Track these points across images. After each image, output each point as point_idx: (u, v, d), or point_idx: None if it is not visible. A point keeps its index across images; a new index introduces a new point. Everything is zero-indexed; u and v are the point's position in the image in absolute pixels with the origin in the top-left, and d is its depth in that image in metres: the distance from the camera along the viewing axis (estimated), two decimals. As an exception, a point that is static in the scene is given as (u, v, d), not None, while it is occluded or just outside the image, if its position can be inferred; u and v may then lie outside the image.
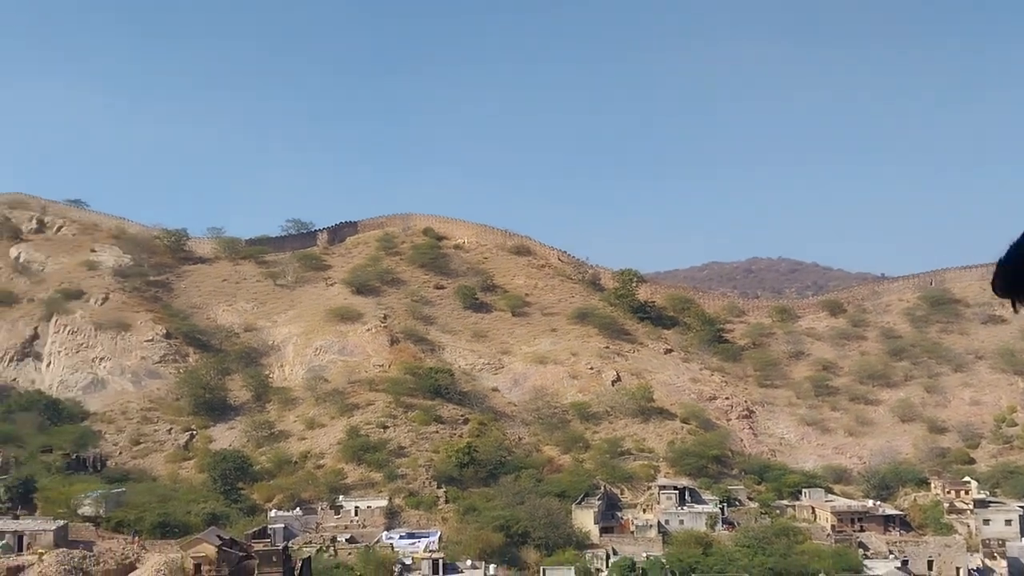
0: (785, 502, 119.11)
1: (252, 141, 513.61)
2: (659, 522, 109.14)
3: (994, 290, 2.42)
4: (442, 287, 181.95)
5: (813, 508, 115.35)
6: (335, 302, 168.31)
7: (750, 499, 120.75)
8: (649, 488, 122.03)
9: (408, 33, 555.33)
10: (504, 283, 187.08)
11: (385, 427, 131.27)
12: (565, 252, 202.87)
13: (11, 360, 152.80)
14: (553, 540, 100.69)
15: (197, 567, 67.47)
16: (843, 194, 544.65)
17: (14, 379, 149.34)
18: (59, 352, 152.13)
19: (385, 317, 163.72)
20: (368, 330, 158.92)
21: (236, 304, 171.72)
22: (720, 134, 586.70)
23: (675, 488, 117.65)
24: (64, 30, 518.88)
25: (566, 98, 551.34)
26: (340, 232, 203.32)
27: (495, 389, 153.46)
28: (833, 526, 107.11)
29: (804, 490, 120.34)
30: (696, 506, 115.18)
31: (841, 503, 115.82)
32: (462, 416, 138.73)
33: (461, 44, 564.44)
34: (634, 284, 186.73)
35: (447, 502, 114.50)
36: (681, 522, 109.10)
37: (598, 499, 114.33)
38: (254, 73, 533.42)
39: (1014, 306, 2.46)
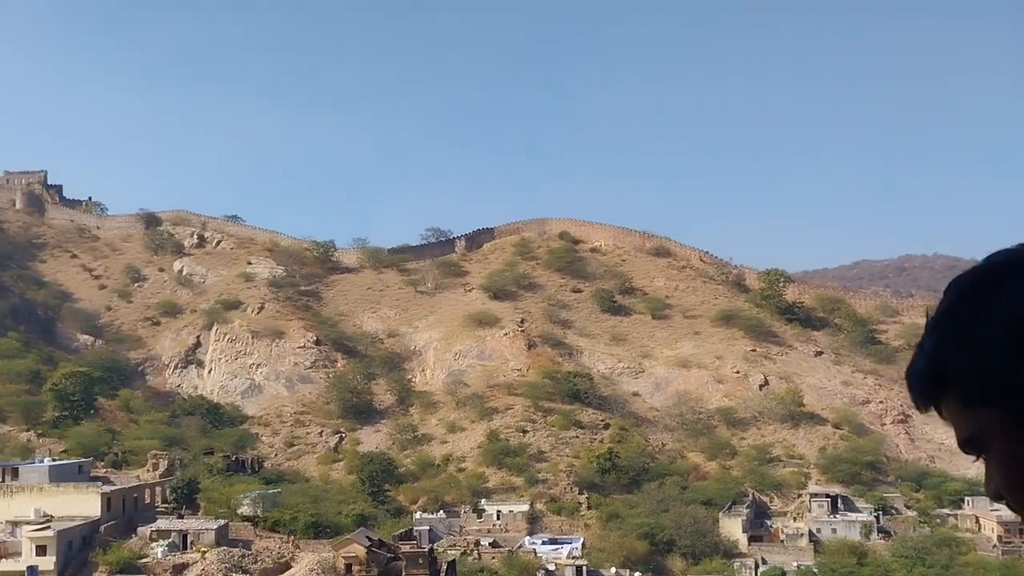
0: (946, 511, 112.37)
1: (393, 153, 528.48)
2: (810, 531, 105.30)
3: (916, 406, 2.21)
4: (579, 291, 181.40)
5: (977, 517, 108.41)
6: (473, 307, 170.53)
7: (907, 507, 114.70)
8: (800, 496, 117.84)
9: (541, 40, 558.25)
10: (643, 285, 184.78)
11: (524, 431, 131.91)
12: (707, 252, 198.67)
13: (176, 367, 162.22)
14: (699, 549, 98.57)
15: (348, 567, 69.51)
16: (1002, 187, 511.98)
17: (179, 385, 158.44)
18: (219, 359, 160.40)
19: (522, 321, 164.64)
20: (506, 334, 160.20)
21: (380, 311, 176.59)
22: (867, 126, 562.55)
23: (827, 496, 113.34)
24: (221, 55, 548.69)
25: (704, 96, 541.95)
26: (477, 238, 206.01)
27: (636, 394, 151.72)
28: (1000, 536, 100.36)
29: (967, 498, 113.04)
30: (849, 514, 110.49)
31: (1008, 513, 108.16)
32: (602, 421, 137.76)
33: (594, 48, 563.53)
34: (781, 284, 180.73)
35: (589, 508, 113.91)
36: (834, 531, 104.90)
37: (746, 507, 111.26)
38: (392, 85, 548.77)
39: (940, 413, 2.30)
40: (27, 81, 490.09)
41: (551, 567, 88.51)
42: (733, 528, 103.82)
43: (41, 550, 67.67)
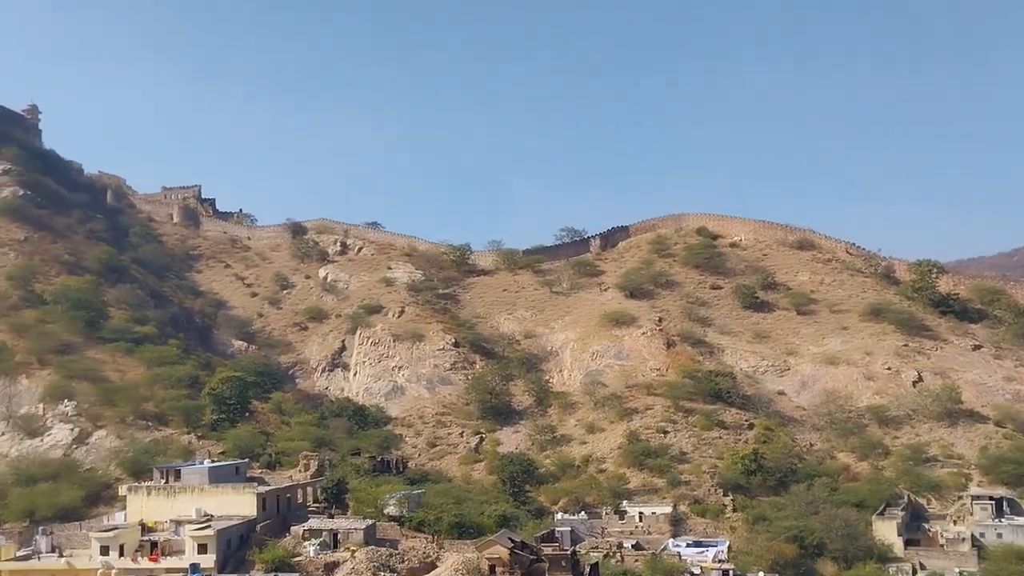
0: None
1: (527, 154, 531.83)
2: (973, 535, 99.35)
3: None
4: (719, 287, 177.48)
5: None
6: (610, 307, 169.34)
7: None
8: (960, 498, 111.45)
9: (676, 33, 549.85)
10: (786, 280, 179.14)
11: (665, 432, 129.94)
12: (853, 244, 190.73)
13: (323, 370, 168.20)
14: (852, 553, 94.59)
15: (492, 568, 69.88)
16: None
17: (326, 388, 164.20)
18: (363, 362, 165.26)
19: (660, 320, 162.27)
20: (643, 334, 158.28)
21: (516, 312, 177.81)
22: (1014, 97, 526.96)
23: (990, 498, 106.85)
24: (358, 64, 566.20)
25: (846, 82, 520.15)
26: (612, 237, 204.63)
27: (781, 392, 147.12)
28: None
29: None
30: (1016, 518, 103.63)
31: None
32: (746, 421, 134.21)
33: (729, 39, 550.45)
34: (934, 275, 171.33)
35: (734, 510, 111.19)
36: (999, 535, 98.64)
37: (901, 509, 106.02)
38: (524, 86, 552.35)
39: None
40: (181, 101, 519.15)
41: (696, 570, 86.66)
42: (887, 531, 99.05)
43: (202, 548, 71.01)
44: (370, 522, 79.00)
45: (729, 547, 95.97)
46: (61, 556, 75.18)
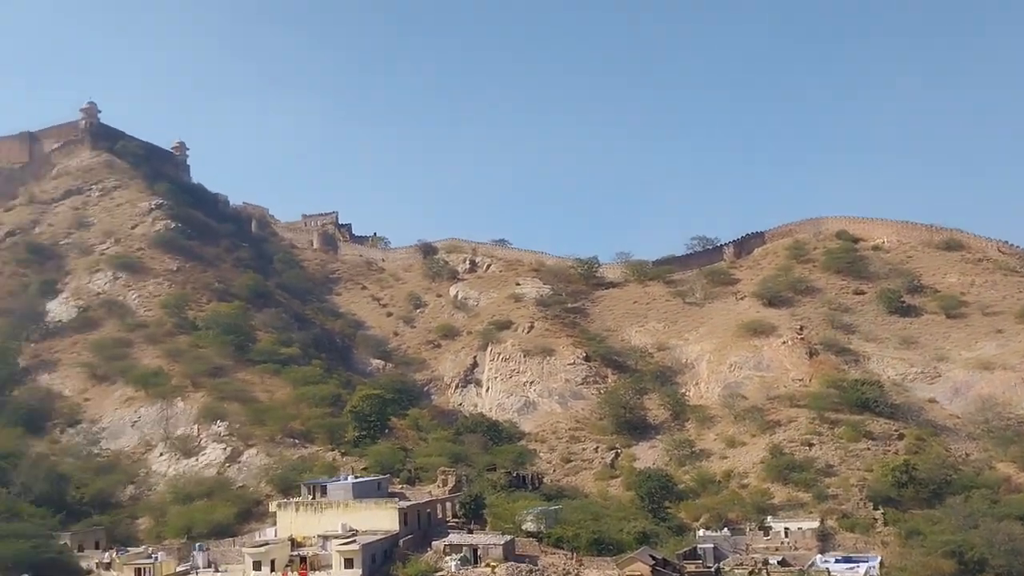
0: None
1: (653, 164, 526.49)
2: None
3: None
4: (862, 292, 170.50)
5: None
6: (746, 316, 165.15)
7: None
8: None
9: (804, 37, 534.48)
10: (934, 283, 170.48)
11: (810, 444, 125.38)
12: (1006, 242, 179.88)
13: (456, 387, 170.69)
14: (1017, 569, 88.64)
15: (633, 585, 68.98)
16: None
17: (460, 403, 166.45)
18: (495, 378, 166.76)
19: (801, 328, 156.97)
20: (784, 343, 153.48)
21: (647, 324, 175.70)
22: None
23: None
24: (483, 86, 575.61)
25: (991, 71, 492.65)
26: (746, 244, 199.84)
27: (932, 400, 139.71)
28: None
29: None
30: None
31: None
32: (895, 431, 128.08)
33: (856, 35, 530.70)
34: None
35: (885, 524, 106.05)
36: None
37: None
38: (651, 94, 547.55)
39: None
40: (319, 133, 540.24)
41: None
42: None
43: (348, 563, 72.95)
44: (509, 538, 79.29)
45: (881, 563, 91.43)
46: (217, 571, 78.62)
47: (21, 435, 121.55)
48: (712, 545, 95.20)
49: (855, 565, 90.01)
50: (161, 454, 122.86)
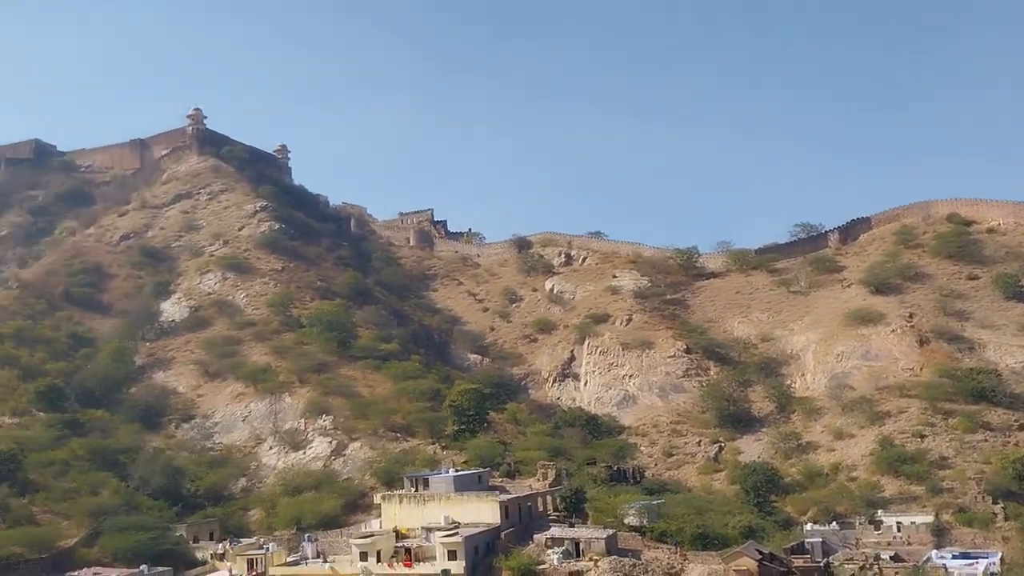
0: None
1: (754, 150, 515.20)
2: None
3: None
4: (976, 277, 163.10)
5: None
6: (853, 304, 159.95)
7: None
8: None
9: (914, 4, 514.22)
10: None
11: (922, 436, 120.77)
12: None
13: (554, 381, 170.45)
14: None
15: (739, 580, 67.60)
16: None
17: (558, 398, 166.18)
18: (593, 371, 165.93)
19: (911, 316, 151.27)
20: (892, 331, 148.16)
21: (750, 315, 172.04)
22: None
23: None
24: (570, 79, 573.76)
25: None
26: (852, 230, 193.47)
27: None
28: None
29: None
30: None
31: None
32: (1015, 421, 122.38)
33: (967, 7, 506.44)
34: None
35: (1006, 519, 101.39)
36: None
37: None
38: (750, 80, 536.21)
39: None
40: (414, 132, 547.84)
41: (967, 585, 79.53)
42: None
43: (452, 555, 73.57)
44: (611, 532, 78.74)
45: (1002, 559, 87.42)
46: (325, 561, 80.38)
47: (139, 431, 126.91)
48: (820, 539, 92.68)
49: (974, 561, 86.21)
50: (270, 447, 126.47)
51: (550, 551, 75.68)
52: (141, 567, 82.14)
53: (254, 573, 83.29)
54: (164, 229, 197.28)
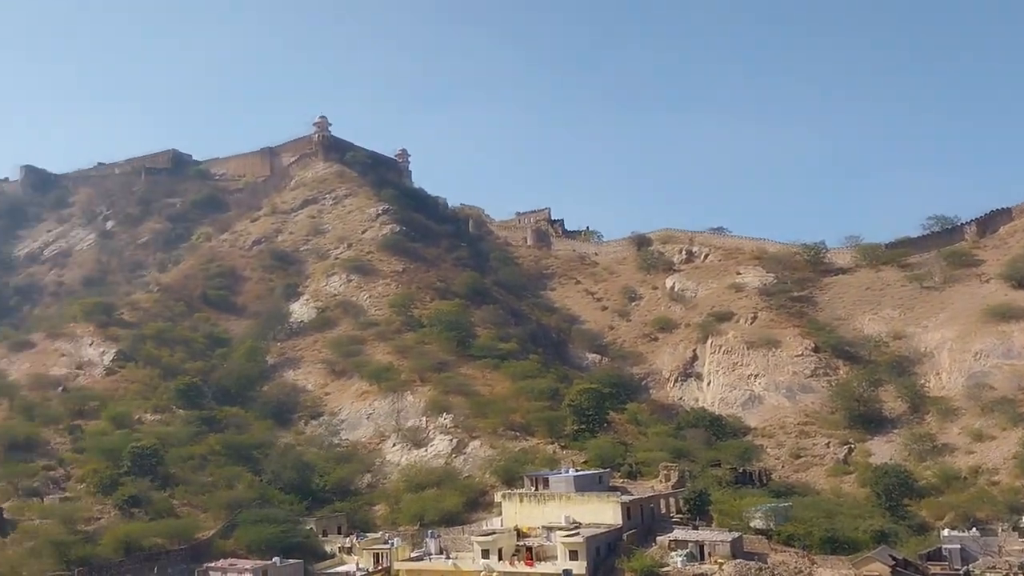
0: None
1: (881, 140, 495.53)
2: None
3: None
4: None
5: None
6: (992, 300, 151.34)
7: None
8: None
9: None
10: None
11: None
12: None
13: (675, 381, 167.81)
14: None
15: (871, 587, 65.07)
16: None
17: (680, 397, 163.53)
18: (716, 371, 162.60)
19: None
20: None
21: (881, 312, 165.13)
22: None
23: None
24: (686, 80, 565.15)
25: None
26: (991, 222, 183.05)
27: None
28: None
29: None
30: None
31: None
32: None
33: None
34: None
35: None
36: None
37: None
38: (866, 67, 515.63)
39: None
40: (529, 132, 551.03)
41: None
42: None
43: (573, 555, 73.52)
44: (736, 534, 77.13)
45: None
46: (448, 558, 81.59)
47: (271, 427, 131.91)
48: (959, 546, 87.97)
49: None
50: (394, 444, 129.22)
51: (673, 553, 74.68)
52: (274, 559, 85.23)
53: (380, 567, 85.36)
54: (292, 233, 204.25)
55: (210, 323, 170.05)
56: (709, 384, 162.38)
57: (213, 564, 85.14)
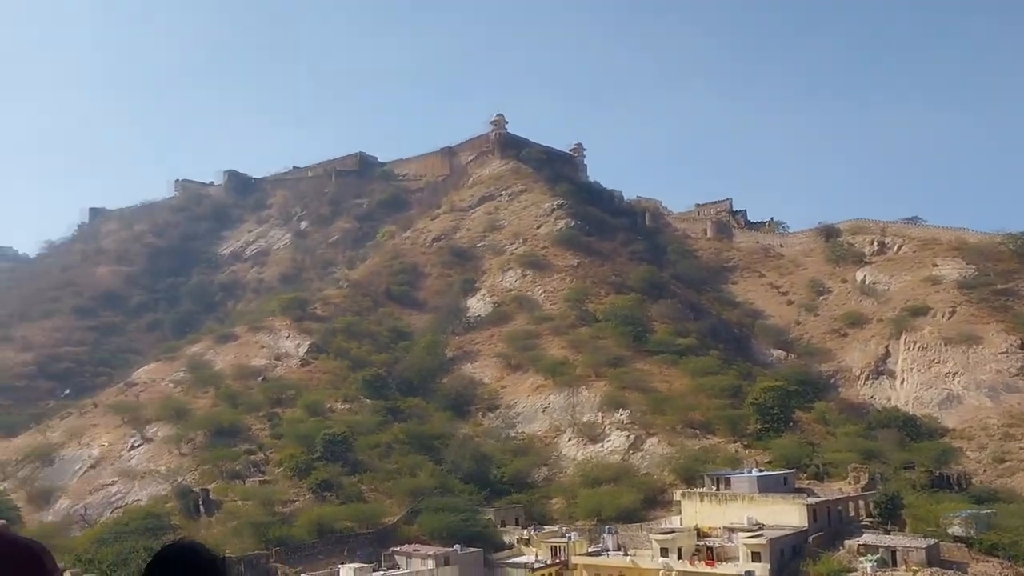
0: None
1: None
2: None
3: None
4: None
5: None
6: None
7: None
8: None
9: None
10: None
11: None
12: None
13: (866, 378, 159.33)
14: None
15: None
16: None
17: (870, 396, 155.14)
18: (910, 369, 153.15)
19: None
20: None
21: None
22: None
23: None
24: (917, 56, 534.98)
25: None
26: None
27: None
28: None
29: None
30: None
31: None
32: None
33: None
34: None
35: None
36: None
37: None
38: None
39: None
40: (710, 121, 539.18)
41: None
42: None
43: (755, 556, 71.17)
44: (932, 541, 72.30)
45: None
46: (626, 554, 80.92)
47: (450, 418, 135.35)
48: None
49: None
50: (569, 439, 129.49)
51: (862, 559, 70.91)
52: (455, 546, 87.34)
53: (557, 560, 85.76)
54: (470, 230, 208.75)
55: (393, 317, 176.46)
56: (902, 382, 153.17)
57: (398, 548, 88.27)
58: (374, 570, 79.26)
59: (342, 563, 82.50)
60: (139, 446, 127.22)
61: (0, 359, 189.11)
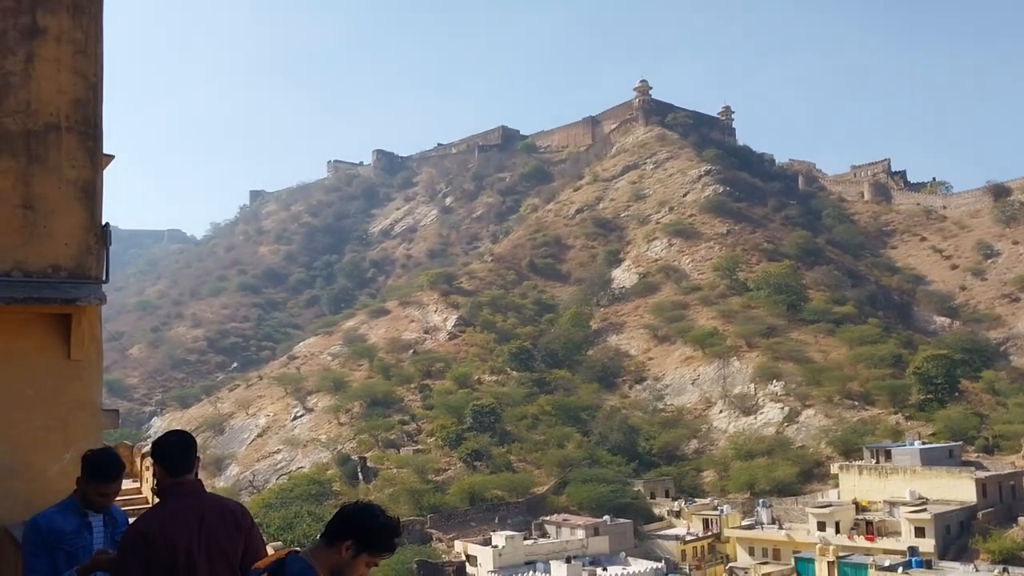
0: None
1: None
2: None
3: None
4: None
5: None
6: None
7: None
8: None
9: None
10: None
11: None
12: None
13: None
14: None
15: None
16: None
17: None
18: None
19: None
20: None
21: None
22: None
23: None
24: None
25: None
26: None
27: None
28: None
29: None
30: None
31: None
32: None
33: None
34: None
35: None
36: None
37: None
38: None
39: None
40: (868, 78, 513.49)
41: None
42: None
43: (919, 532, 67.85)
44: None
45: None
46: (780, 528, 78.82)
47: (597, 390, 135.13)
48: None
49: None
50: (720, 411, 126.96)
51: (1039, 537, 66.38)
52: (604, 517, 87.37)
53: (710, 532, 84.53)
54: (614, 200, 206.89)
55: (538, 290, 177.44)
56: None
57: (548, 518, 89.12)
58: (525, 538, 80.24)
59: (494, 531, 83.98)
60: (301, 416, 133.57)
61: (175, 335, 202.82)
